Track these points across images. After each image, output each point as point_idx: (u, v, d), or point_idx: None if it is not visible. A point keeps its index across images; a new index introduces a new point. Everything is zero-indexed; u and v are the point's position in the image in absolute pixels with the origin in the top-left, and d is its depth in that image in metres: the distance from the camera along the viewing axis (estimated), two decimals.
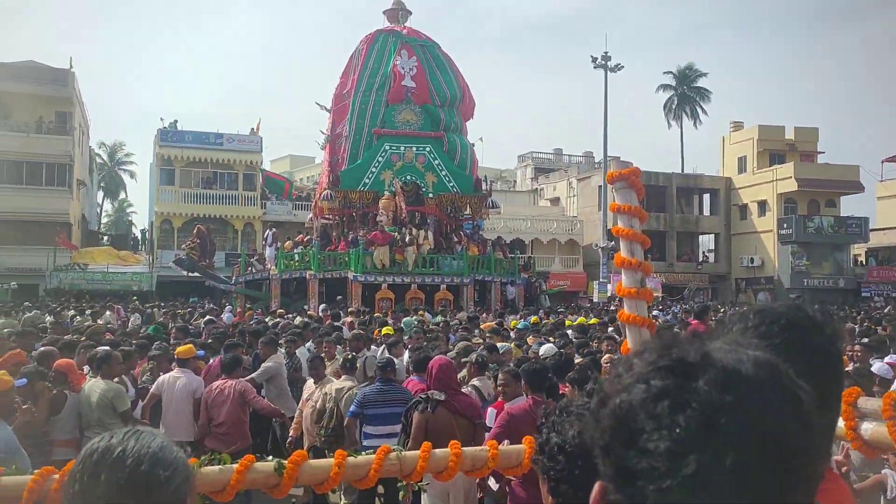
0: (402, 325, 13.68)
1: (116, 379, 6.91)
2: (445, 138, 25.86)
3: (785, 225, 40.60)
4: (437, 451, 2.71)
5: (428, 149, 25.28)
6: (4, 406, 5.05)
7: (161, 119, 39.87)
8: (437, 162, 25.34)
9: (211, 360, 8.47)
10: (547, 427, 1.56)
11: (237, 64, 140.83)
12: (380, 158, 24.94)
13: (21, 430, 5.35)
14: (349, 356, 7.62)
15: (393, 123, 25.35)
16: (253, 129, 40.78)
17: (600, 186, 39.80)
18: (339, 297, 22.22)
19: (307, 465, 2.58)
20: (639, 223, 2.85)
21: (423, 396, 5.41)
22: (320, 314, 18.62)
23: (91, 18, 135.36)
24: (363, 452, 2.85)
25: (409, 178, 24.98)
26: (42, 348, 7.56)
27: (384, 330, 11.11)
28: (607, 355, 7.40)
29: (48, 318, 18.14)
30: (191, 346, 7.93)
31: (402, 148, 25.10)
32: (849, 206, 43.92)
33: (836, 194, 42.73)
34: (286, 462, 2.53)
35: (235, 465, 2.51)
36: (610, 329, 11.36)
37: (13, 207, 34.57)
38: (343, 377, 7.21)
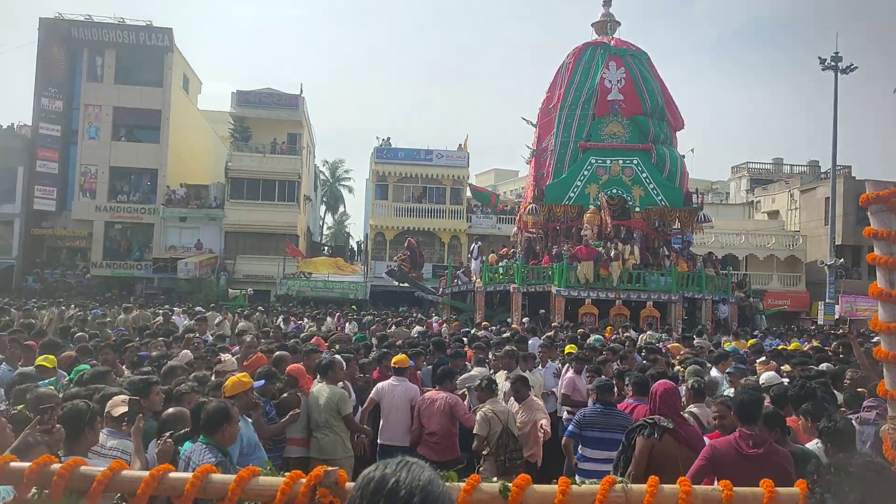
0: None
1: (340, 384, 7.45)
2: (654, 150, 25.03)
3: None
4: (666, 486, 2.60)
5: (635, 161, 24.61)
6: (246, 405, 5.61)
7: (377, 137, 42.57)
8: (644, 175, 24.58)
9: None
10: (821, 486, 1.42)
11: (446, 81, 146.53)
12: (585, 172, 24.68)
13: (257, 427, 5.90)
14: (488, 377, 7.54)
15: (599, 136, 25.00)
16: (461, 144, 42.18)
17: (827, 198, 36.37)
18: (542, 310, 22.22)
19: (531, 489, 2.59)
20: None
21: (649, 421, 5.18)
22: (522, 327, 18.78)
23: (318, 47, 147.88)
24: (577, 478, 2.81)
25: (615, 191, 24.47)
26: (277, 353, 8.32)
27: (567, 348, 10.79)
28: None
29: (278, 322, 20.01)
30: (405, 355, 8.33)
31: (609, 161, 24.65)
32: None
33: None
34: (510, 485, 2.56)
35: (462, 484, 2.58)
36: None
37: (250, 221, 38.66)
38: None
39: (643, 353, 10.60)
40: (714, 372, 8.88)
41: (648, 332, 16.82)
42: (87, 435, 4.03)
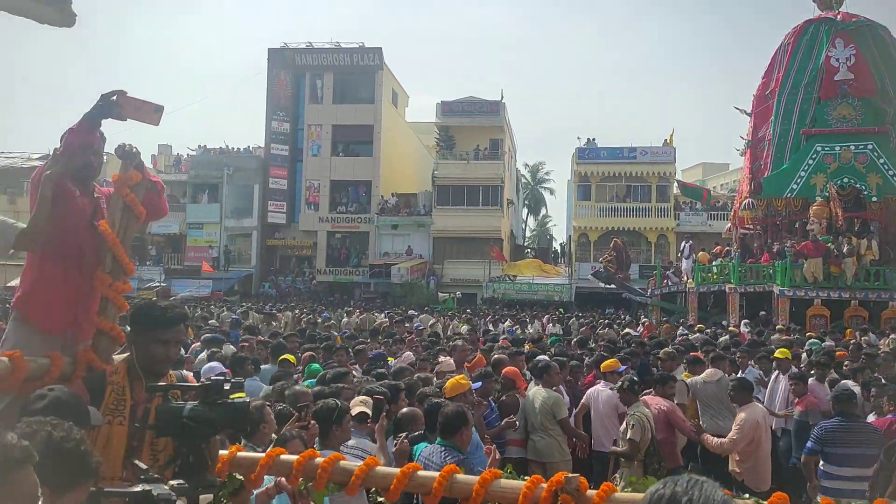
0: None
1: (554, 388, 7.46)
2: (892, 132, 22.39)
3: None
4: None
5: (870, 146, 22.16)
6: (467, 405, 5.80)
7: (578, 138, 42.15)
8: (881, 160, 22.07)
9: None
10: None
11: (649, 76, 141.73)
12: (810, 161, 22.66)
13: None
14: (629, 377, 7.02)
15: (826, 121, 22.83)
16: (666, 140, 40.61)
17: None
18: (763, 312, 20.72)
19: None
20: None
21: None
22: (741, 330, 17.64)
23: (517, 52, 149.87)
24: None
25: (846, 180, 22.20)
26: (495, 356, 8.52)
27: (778, 353, 9.65)
28: None
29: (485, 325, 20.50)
30: (615, 360, 8.17)
31: (838, 148, 22.42)
32: None
33: None
34: (764, 502, 2.42)
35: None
36: None
37: (456, 226, 39.98)
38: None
39: None
40: None
41: (892, 336, 15.06)
42: (337, 432, 4.39)
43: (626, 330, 20.30)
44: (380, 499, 3.04)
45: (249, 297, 37.23)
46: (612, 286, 28.42)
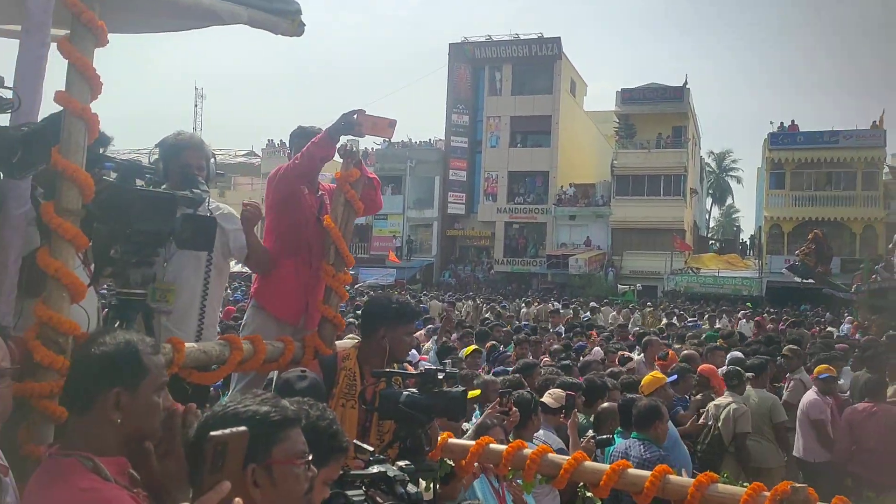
0: None
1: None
2: None
3: None
4: None
5: None
6: (666, 399, 5.67)
7: (771, 122, 39.35)
8: None
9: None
10: None
11: (850, 56, 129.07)
12: None
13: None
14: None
15: None
16: (875, 122, 36.77)
17: None
18: None
19: None
20: None
21: None
22: None
23: (699, 35, 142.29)
24: None
25: None
26: (685, 352, 8.23)
27: None
28: None
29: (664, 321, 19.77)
30: (829, 366, 7.55)
31: None
32: None
33: None
34: None
35: None
36: None
37: (636, 217, 38.82)
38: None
39: None
40: None
41: None
42: (533, 421, 4.46)
43: (828, 328, 18.80)
44: (588, 494, 3.07)
45: (430, 285, 38.52)
46: (811, 281, 26.30)
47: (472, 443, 3.23)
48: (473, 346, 8.33)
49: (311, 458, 1.76)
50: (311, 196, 3.72)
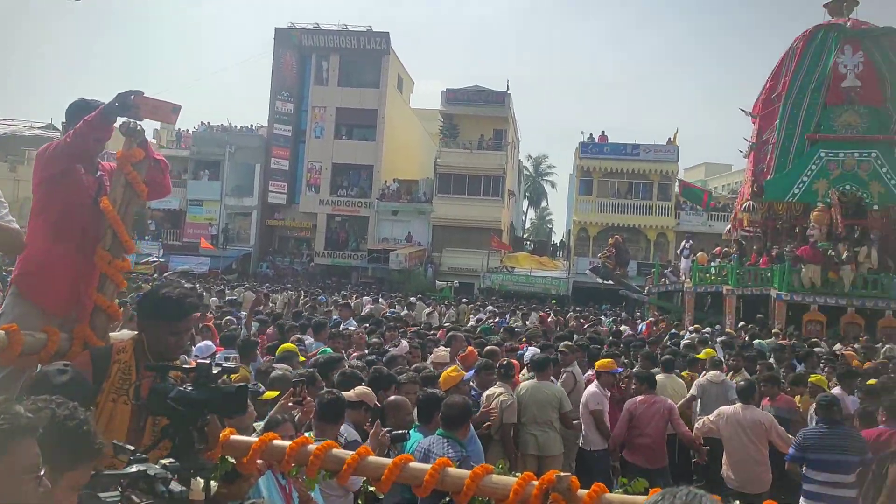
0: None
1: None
2: None
3: None
4: None
5: (874, 154, 22.10)
6: (462, 395, 5.81)
7: (582, 132, 42.02)
8: (885, 169, 22.01)
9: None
10: None
11: (656, 74, 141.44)
12: (813, 166, 22.59)
13: None
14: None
15: (831, 127, 22.76)
16: (670, 138, 40.51)
17: None
18: (759, 315, 20.76)
19: None
20: None
21: None
22: (735, 332, 17.67)
23: (525, 45, 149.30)
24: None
25: (848, 187, 22.16)
26: (489, 347, 8.54)
27: (704, 353, 9.96)
28: None
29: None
30: (611, 360, 8.16)
31: (842, 154, 22.35)
32: None
33: None
34: None
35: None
36: None
37: (457, 215, 39.96)
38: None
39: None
40: None
41: (889, 346, 15.10)
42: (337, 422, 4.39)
43: (624, 327, 20.41)
44: (370, 488, 3.05)
45: (247, 275, 37.23)
46: (610, 282, 28.42)
47: (255, 439, 3.11)
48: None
49: (42, 472, 1.59)
50: (89, 176, 3.38)
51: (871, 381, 7.84)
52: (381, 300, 23.36)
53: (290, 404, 4.12)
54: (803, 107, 23.14)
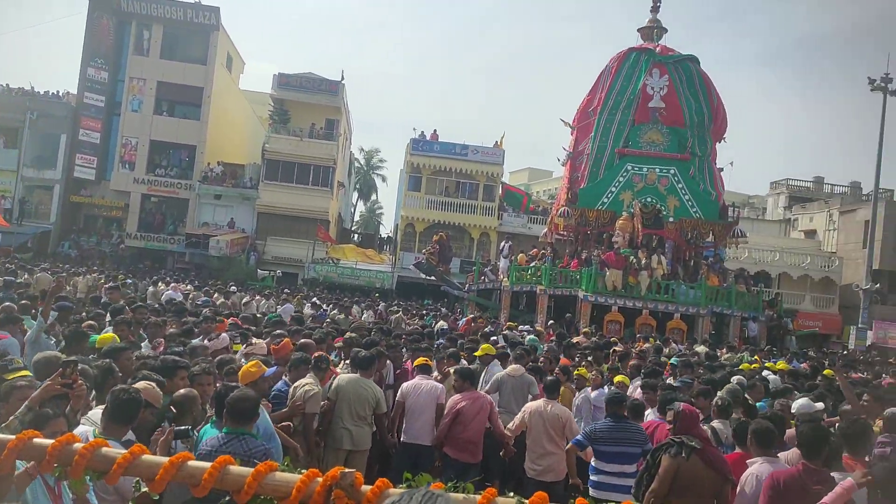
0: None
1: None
2: (691, 161, 24.73)
3: None
4: None
5: (672, 171, 24.30)
6: (260, 391, 5.62)
7: (413, 129, 42.56)
8: (680, 185, 24.27)
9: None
10: None
11: (488, 77, 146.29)
12: (620, 178, 24.44)
13: None
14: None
15: (637, 143, 24.73)
16: (497, 141, 42.03)
17: (867, 221, 35.60)
18: (569, 314, 22.12)
19: None
20: None
21: (676, 440, 5.09)
22: (545, 330, 18.66)
23: (363, 37, 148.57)
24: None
25: (649, 200, 24.20)
26: (302, 340, 8.36)
27: (481, 349, 10.15)
28: None
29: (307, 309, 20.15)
30: (427, 359, 8.29)
31: (645, 169, 24.38)
32: None
33: None
34: (527, 501, 2.52)
35: (478, 497, 2.54)
36: None
37: (283, 203, 38.99)
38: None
39: (678, 368, 10.48)
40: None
41: (672, 346, 16.63)
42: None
43: (441, 322, 20.86)
44: (143, 489, 2.85)
45: (45, 255, 34.00)
46: (433, 278, 29.00)
47: (12, 437, 2.80)
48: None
49: None
50: None
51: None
52: (186, 286, 22.02)
53: (58, 387, 3.77)
54: (615, 122, 24.93)
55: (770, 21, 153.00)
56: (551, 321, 21.01)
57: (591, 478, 6.11)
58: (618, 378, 8.49)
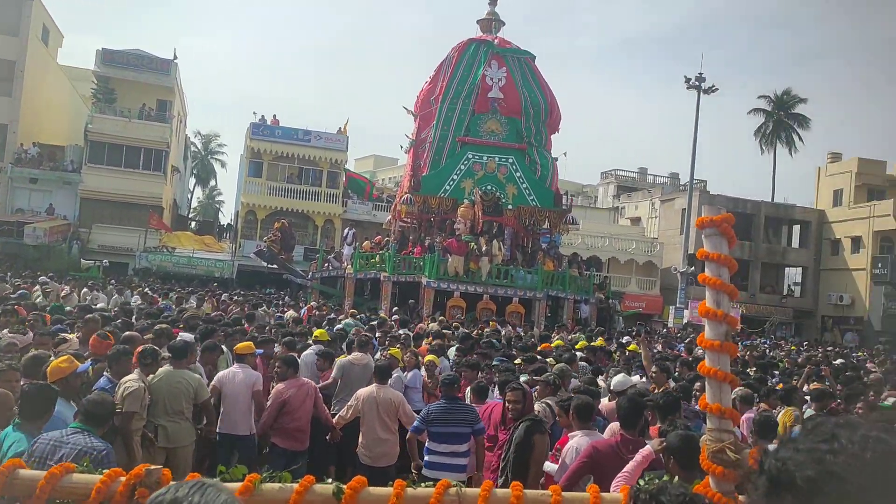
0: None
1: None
2: (528, 151, 25.74)
3: (880, 264, 38.59)
4: (499, 491, 2.65)
5: (510, 160, 25.19)
6: (72, 388, 5.24)
7: (254, 113, 41.17)
8: (518, 174, 25.22)
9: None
10: None
11: (331, 62, 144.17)
12: (462, 166, 25.00)
13: None
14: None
15: (478, 133, 25.39)
16: (341, 128, 41.58)
17: (684, 210, 38.78)
18: (412, 301, 22.37)
19: (366, 491, 2.56)
20: (728, 273, 2.71)
21: (535, 418, 5.44)
22: (387, 316, 18.76)
23: (198, 15, 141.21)
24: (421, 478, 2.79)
25: (489, 188, 24.94)
26: (126, 333, 7.84)
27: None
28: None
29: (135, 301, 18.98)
30: (250, 343, 8.08)
31: (485, 158, 25.09)
32: None
33: None
34: (345, 487, 2.51)
35: (295, 486, 2.50)
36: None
37: (111, 188, 36.38)
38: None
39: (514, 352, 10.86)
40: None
41: (508, 328, 17.29)
42: None
43: (289, 312, 20.35)
44: None
45: None
46: (275, 266, 28.29)
47: None
48: None
49: None
50: None
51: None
52: None
53: None
54: (456, 111, 25.43)
55: (600, 20, 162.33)
56: (395, 307, 21.16)
57: (425, 458, 6.22)
58: (428, 357, 8.65)
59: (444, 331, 13.55)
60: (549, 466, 5.28)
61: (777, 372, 12.49)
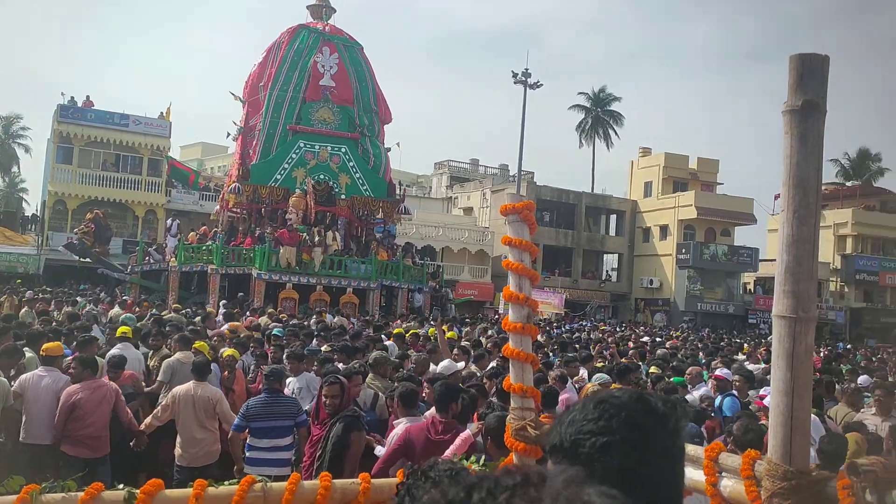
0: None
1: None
2: (361, 140, 25.64)
3: (683, 250, 42.38)
4: (306, 483, 2.60)
5: (343, 149, 24.97)
6: None
7: (62, 94, 37.78)
8: (351, 164, 25.07)
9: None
10: (403, 487, 1.49)
11: (153, 44, 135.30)
12: (293, 155, 24.45)
13: None
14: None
15: (309, 121, 24.92)
16: (163, 113, 39.16)
17: None
18: (241, 294, 21.62)
19: (162, 494, 2.41)
20: (529, 258, 2.82)
21: (354, 414, 5.36)
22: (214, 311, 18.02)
23: None
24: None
25: (322, 177, 24.60)
26: None
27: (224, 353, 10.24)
28: None
29: None
30: (59, 343, 7.43)
31: (317, 146, 24.69)
32: (742, 236, 46.41)
33: (732, 224, 45.02)
34: (138, 491, 2.35)
35: (80, 494, 2.31)
36: None
37: None
38: None
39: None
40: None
41: (338, 318, 17.21)
42: None
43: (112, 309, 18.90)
44: None
45: None
46: (88, 260, 26.23)
47: None
48: None
49: None
50: None
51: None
52: None
53: None
54: (286, 99, 24.81)
55: (433, 14, 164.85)
56: (224, 301, 20.35)
57: (248, 455, 6.03)
58: (227, 352, 8.41)
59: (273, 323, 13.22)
60: (381, 451, 5.34)
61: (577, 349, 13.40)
